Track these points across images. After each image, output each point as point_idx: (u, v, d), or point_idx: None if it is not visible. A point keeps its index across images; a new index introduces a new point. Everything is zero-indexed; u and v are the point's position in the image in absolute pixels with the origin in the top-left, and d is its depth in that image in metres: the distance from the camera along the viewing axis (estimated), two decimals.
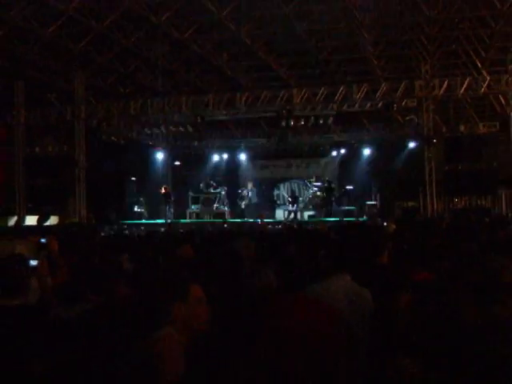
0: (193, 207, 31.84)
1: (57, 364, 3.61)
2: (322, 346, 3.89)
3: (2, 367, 3.80)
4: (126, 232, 20.98)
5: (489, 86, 24.87)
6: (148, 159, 33.40)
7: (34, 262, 6.03)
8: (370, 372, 4.35)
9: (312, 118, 27.15)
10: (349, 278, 4.97)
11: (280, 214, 32.23)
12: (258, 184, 34.08)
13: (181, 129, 29.48)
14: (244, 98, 26.57)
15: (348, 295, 4.69)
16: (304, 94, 25.99)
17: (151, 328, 3.71)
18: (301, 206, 32.67)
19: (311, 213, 31.69)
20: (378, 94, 25.49)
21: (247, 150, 34.44)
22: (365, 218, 27.84)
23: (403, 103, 26.02)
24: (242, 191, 32.26)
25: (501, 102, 27.08)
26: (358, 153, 32.65)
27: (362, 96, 25.55)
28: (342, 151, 33.28)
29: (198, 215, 31.53)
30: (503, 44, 26.43)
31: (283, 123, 27.35)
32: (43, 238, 10.00)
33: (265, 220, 26.16)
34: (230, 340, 4.02)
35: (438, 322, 3.69)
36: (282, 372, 3.83)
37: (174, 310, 3.77)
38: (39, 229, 20.30)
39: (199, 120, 27.76)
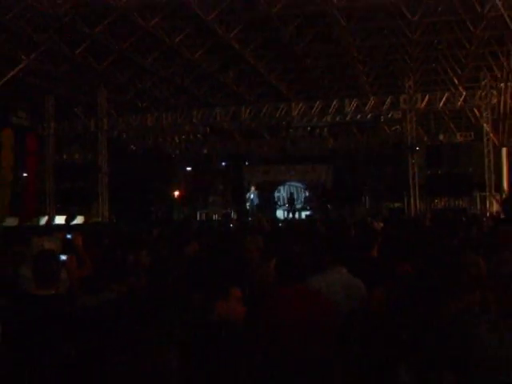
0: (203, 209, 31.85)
1: (83, 348, 3.64)
2: (318, 335, 3.90)
3: (39, 349, 3.81)
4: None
5: (465, 100, 24.89)
6: (163, 166, 33.40)
7: (63, 257, 6.00)
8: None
9: (308, 128, 27.17)
10: (345, 271, 5.00)
11: (280, 214, 32.22)
12: (261, 187, 34.09)
13: (192, 138, 29.47)
14: (248, 111, 26.59)
15: (344, 286, 4.70)
16: (301, 107, 26.01)
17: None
18: (298, 206, 32.68)
19: (308, 213, 31.68)
20: (367, 107, 25.50)
21: (251, 156, 34.44)
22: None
23: (389, 115, 25.98)
24: (248, 194, 32.27)
25: (475, 114, 27.11)
26: (350, 160, 32.62)
27: (353, 109, 25.56)
28: (336, 158, 33.20)
29: (207, 215, 31.55)
30: (477, 63, 26.52)
31: (283, 133, 27.38)
32: (69, 234, 10.04)
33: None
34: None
35: (401, 313, 3.72)
36: (281, 358, 3.86)
37: (218, 308, 3.77)
38: (67, 227, 20.37)
39: (208, 130, 27.83)
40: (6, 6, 19.69)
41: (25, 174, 26.21)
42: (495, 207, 23.67)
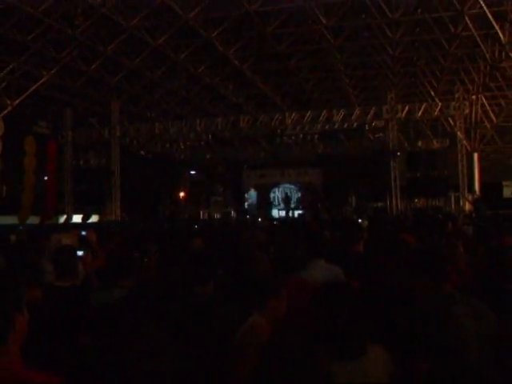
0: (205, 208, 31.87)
1: (97, 337, 3.59)
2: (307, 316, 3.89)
3: (58, 336, 3.78)
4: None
5: (440, 110, 24.95)
6: (169, 169, 33.43)
7: (80, 253, 5.99)
8: None
9: (301, 135, 27.19)
10: (323, 262, 5.08)
11: (275, 213, 32.25)
12: (258, 189, 34.16)
13: (195, 144, 29.48)
14: (246, 120, 26.58)
15: (324, 274, 4.75)
16: (294, 117, 26.00)
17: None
18: (292, 206, 32.73)
19: (300, 212, 31.71)
20: (353, 116, 25.52)
21: (248, 161, 34.47)
22: None
23: (373, 124, 26.03)
24: (246, 195, 32.35)
25: (450, 123, 27.14)
26: (338, 164, 32.61)
27: (341, 118, 25.58)
28: (325, 162, 33.20)
29: (209, 214, 31.59)
30: (451, 77, 26.63)
31: (278, 140, 27.39)
32: (83, 231, 10.03)
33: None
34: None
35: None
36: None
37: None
38: (83, 225, 20.38)
39: (210, 137, 27.83)
40: (28, 26, 19.75)
41: (46, 178, 26.19)
42: (468, 206, 23.75)
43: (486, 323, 3.23)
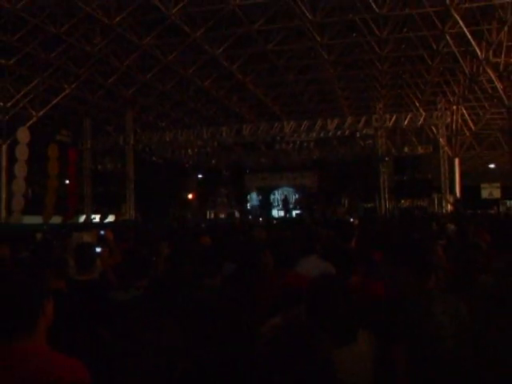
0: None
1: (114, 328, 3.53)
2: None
3: (75, 325, 3.72)
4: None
5: (424, 119, 24.99)
6: (178, 174, 33.48)
7: (98, 249, 6.04)
8: None
9: (298, 142, 27.25)
10: (316, 257, 5.14)
11: (275, 213, 32.30)
12: (259, 191, 34.22)
13: (202, 151, 29.56)
14: (248, 129, 26.65)
15: (315, 268, 4.80)
16: (292, 125, 26.03)
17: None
18: (290, 207, 32.78)
19: (298, 212, 31.77)
20: (345, 125, 25.56)
21: (251, 165, 34.52)
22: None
23: (363, 132, 26.05)
24: (249, 197, 32.43)
25: (433, 131, 27.21)
26: (331, 168, 32.68)
27: (334, 127, 25.63)
28: (320, 167, 33.25)
29: (215, 214, 31.65)
30: (434, 89, 26.69)
31: (277, 146, 27.47)
32: (102, 230, 10.09)
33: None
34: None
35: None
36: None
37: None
38: (101, 224, 20.46)
39: (216, 145, 27.90)
40: (51, 45, 19.87)
41: (67, 181, 26.29)
42: (449, 206, 23.81)
43: (461, 318, 3.28)
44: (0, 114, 22.65)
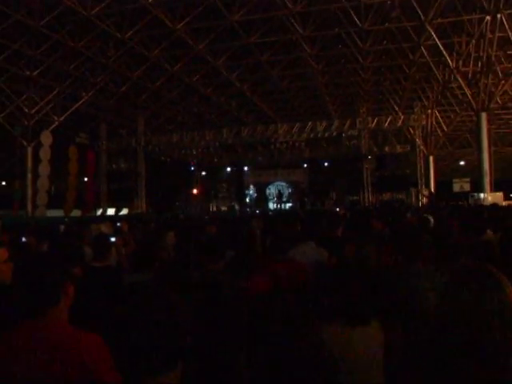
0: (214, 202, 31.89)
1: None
2: (302, 286, 3.87)
3: (92, 307, 3.55)
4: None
5: (403, 121, 25.00)
6: (184, 171, 33.45)
7: (113, 239, 6.01)
8: None
9: (290, 142, 27.22)
10: (313, 244, 5.01)
11: (271, 206, 32.31)
12: (256, 186, 34.23)
13: (205, 151, 29.52)
14: (246, 130, 26.62)
15: (313, 255, 4.75)
16: (285, 128, 26.04)
17: None
18: (284, 200, 32.79)
19: (290, 204, 31.78)
20: (333, 127, 25.56)
21: (249, 163, 34.50)
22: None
23: (349, 133, 26.05)
24: (248, 191, 32.43)
25: (410, 132, 27.26)
26: (320, 165, 32.66)
27: (323, 128, 25.63)
28: (310, 164, 33.22)
29: (217, 207, 31.64)
30: (411, 95, 26.73)
31: (272, 146, 27.44)
32: (118, 222, 10.08)
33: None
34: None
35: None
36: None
37: None
38: (116, 216, 20.45)
39: (217, 145, 27.86)
40: (70, 57, 19.86)
41: (85, 179, 26.30)
42: (424, 199, 23.87)
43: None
44: (25, 119, 22.65)
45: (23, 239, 7.21)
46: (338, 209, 19.77)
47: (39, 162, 21.94)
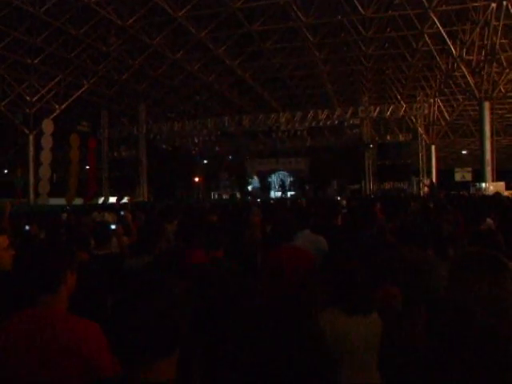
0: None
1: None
2: (306, 272, 3.88)
3: (92, 294, 3.67)
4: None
5: (405, 110, 24.91)
6: (185, 159, 33.43)
7: (113, 226, 5.93)
8: None
9: (292, 131, 27.16)
10: (309, 231, 5.02)
11: (273, 194, 32.34)
12: (258, 175, 34.21)
13: (207, 139, 29.48)
14: (248, 119, 26.58)
15: (312, 242, 4.76)
16: (287, 116, 25.99)
17: None
18: (286, 188, 32.80)
19: (292, 193, 31.80)
20: (335, 115, 25.50)
21: (251, 152, 34.45)
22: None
23: (351, 122, 26.02)
24: (249, 179, 32.42)
25: (412, 120, 27.17)
26: (322, 154, 32.55)
27: (324, 117, 25.56)
28: (312, 152, 33.12)
29: (219, 195, 31.68)
30: (414, 84, 26.57)
31: (273, 135, 27.39)
32: (122, 211, 10.10)
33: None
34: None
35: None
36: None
37: None
38: (117, 205, 20.43)
39: (219, 133, 27.83)
40: (71, 45, 19.76)
41: (87, 167, 26.30)
42: (425, 188, 23.85)
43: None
44: (27, 107, 22.60)
45: (26, 227, 7.24)
46: (339, 198, 19.73)
47: (41, 150, 21.92)
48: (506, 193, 17.87)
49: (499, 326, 1.47)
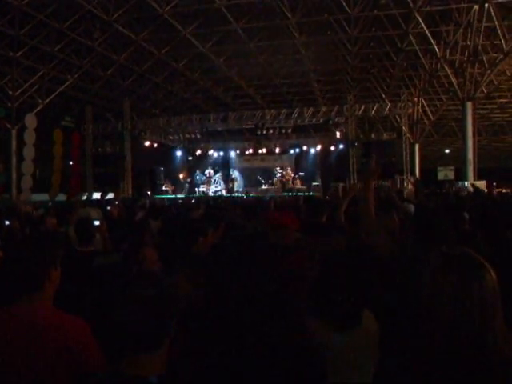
0: (200, 187, 31.72)
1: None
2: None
3: (78, 293, 3.46)
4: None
5: (389, 109, 25.14)
6: (171, 156, 33.27)
7: (97, 222, 5.95)
8: None
9: (277, 128, 27.18)
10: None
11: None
12: (242, 171, 34.14)
13: (192, 136, 29.36)
14: (233, 116, 26.58)
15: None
16: (272, 113, 26.03)
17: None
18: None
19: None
20: (320, 113, 25.62)
21: (235, 149, 34.37)
22: (311, 193, 27.83)
23: (336, 120, 26.12)
24: (232, 175, 32.33)
25: (397, 119, 27.38)
26: (307, 151, 32.61)
27: (310, 115, 25.66)
28: (297, 150, 33.16)
29: (203, 192, 31.51)
30: (398, 83, 26.77)
31: (258, 132, 27.38)
32: (108, 207, 10.01)
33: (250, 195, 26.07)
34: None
35: None
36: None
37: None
38: (101, 201, 20.25)
39: (204, 130, 27.74)
40: (55, 39, 19.54)
41: (71, 163, 26.05)
42: (410, 186, 24.04)
43: None
44: (9, 101, 22.29)
45: (6, 222, 7.15)
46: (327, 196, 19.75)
47: (23, 146, 21.65)
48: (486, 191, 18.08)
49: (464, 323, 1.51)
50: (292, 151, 33.43)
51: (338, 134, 28.41)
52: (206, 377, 2.23)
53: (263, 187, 30.52)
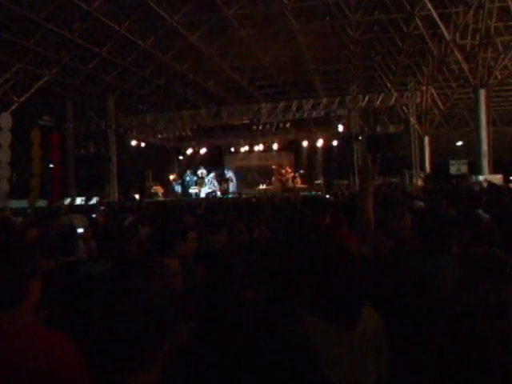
0: (191, 188, 31.73)
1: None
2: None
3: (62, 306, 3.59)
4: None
5: (396, 99, 25.17)
6: (160, 156, 33.29)
7: (80, 230, 5.87)
8: None
9: (275, 123, 27.19)
10: None
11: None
12: (237, 170, 34.19)
13: (183, 133, 29.36)
14: (226, 111, 26.59)
15: None
16: (268, 107, 26.05)
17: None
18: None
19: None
20: (321, 106, 25.64)
21: (230, 147, 34.38)
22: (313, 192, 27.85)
23: (338, 112, 26.15)
24: (227, 175, 32.36)
25: (404, 110, 27.41)
26: (308, 147, 32.63)
27: (309, 108, 25.69)
28: (296, 146, 33.15)
29: (196, 194, 31.50)
30: (405, 71, 26.76)
31: (254, 127, 27.40)
32: (92, 214, 10.02)
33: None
34: None
35: None
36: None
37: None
38: (85, 206, 20.25)
39: (195, 127, 27.74)
40: (31, 31, 19.49)
41: (51, 165, 26.01)
42: (419, 182, 24.08)
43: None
44: None
45: None
46: (327, 196, 19.77)
47: None
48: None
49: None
50: (291, 148, 33.49)
51: (340, 128, 28.48)
52: None
53: (261, 187, 30.57)
